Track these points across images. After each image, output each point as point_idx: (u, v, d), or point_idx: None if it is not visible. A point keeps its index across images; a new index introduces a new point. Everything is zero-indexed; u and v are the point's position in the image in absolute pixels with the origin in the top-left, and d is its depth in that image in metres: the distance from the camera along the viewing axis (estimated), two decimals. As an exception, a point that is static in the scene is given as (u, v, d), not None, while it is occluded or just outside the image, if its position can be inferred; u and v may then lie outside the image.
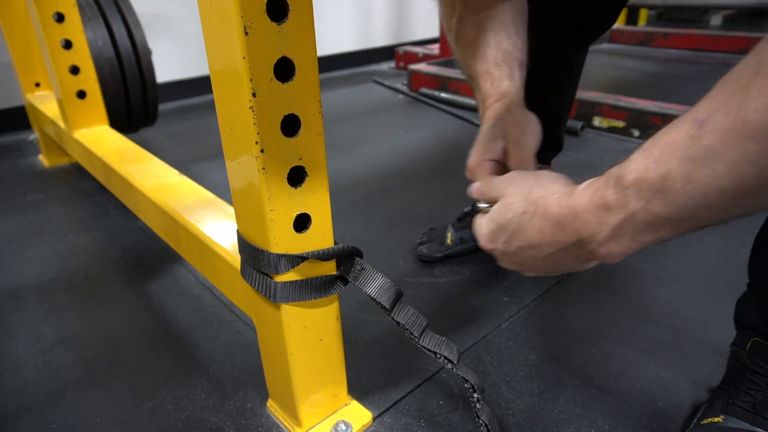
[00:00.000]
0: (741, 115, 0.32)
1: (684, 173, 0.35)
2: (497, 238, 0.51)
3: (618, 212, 0.40)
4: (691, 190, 0.35)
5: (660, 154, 0.36)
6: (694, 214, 0.36)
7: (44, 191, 1.49)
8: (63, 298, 1.00)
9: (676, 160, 0.35)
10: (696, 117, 0.34)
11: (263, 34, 0.44)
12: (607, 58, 3.00)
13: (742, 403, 0.62)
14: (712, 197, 0.34)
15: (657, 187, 0.37)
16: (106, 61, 1.44)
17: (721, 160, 0.33)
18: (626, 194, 0.39)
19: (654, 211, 0.37)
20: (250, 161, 0.49)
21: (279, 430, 0.69)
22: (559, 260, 0.47)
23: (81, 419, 0.72)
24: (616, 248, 0.41)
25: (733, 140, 0.32)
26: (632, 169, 0.38)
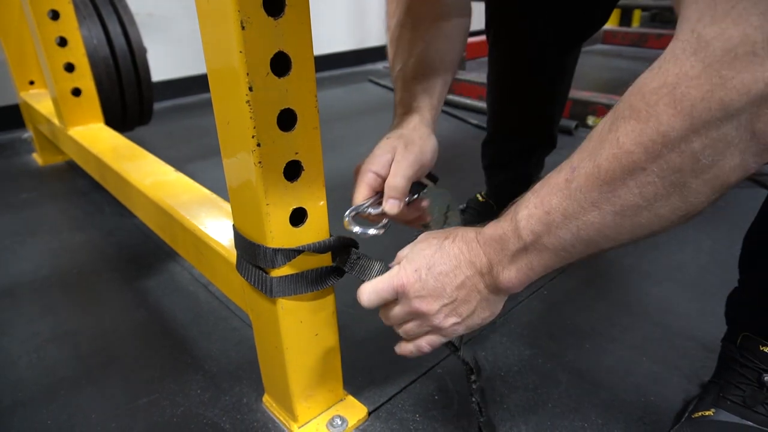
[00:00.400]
0: (597, 162, 0.39)
1: (562, 209, 0.42)
2: (420, 267, 0.51)
3: (514, 243, 0.46)
4: (567, 224, 0.42)
5: (545, 193, 0.44)
6: (572, 244, 0.43)
7: (38, 189, 1.48)
8: (57, 295, 1.00)
9: (556, 199, 0.42)
10: (571, 164, 0.42)
11: (260, 29, 0.44)
12: (601, 58, 3.02)
13: (733, 397, 0.63)
14: (584, 230, 0.42)
15: (542, 221, 0.43)
16: (101, 59, 1.44)
17: (586, 199, 0.40)
18: (519, 227, 0.45)
19: (542, 242, 0.44)
20: (246, 155, 0.50)
21: (275, 425, 0.69)
22: (473, 290, 0.50)
23: (76, 415, 0.72)
24: (516, 275, 0.47)
25: (592, 183, 0.40)
26: (524, 206, 0.45)
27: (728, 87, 0.33)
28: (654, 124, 0.36)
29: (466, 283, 0.50)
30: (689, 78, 0.34)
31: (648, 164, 0.37)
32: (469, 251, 0.50)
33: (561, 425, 0.68)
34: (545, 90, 0.97)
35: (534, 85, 0.96)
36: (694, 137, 0.35)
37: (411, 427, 0.69)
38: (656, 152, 0.36)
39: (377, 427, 0.69)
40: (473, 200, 1.11)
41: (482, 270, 0.49)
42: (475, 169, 1.16)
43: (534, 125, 1.01)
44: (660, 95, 0.35)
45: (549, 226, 0.43)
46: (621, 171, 0.38)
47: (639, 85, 0.38)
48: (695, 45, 0.34)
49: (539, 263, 0.46)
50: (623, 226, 0.40)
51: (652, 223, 0.40)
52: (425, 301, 0.51)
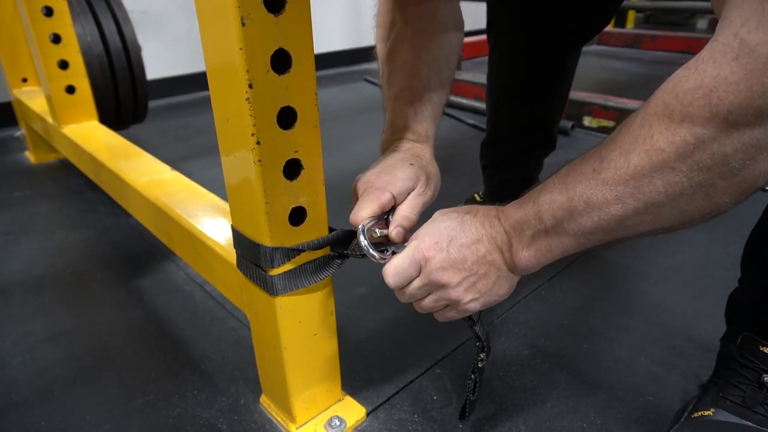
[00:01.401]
0: (628, 158, 0.40)
1: (585, 198, 0.43)
2: (441, 239, 0.51)
3: (535, 225, 0.47)
4: (589, 212, 0.43)
5: (570, 180, 0.44)
6: (591, 232, 0.44)
7: (31, 188, 1.47)
8: (51, 294, 0.99)
9: (581, 187, 0.43)
10: (600, 153, 0.42)
11: (260, 26, 0.44)
12: (596, 59, 3.03)
13: (732, 397, 0.63)
14: (605, 220, 0.42)
15: (564, 207, 0.44)
16: (95, 57, 1.43)
17: (611, 192, 0.41)
18: (540, 210, 0.46)
19: (562, 226, 0.45)
20: (245, 153, 0.49)
21: (272, 425, 0.69)
22: (491, 265, 0.50)
23: (70, 416, 0.71)
24: (534, 255, 0.48)
25: (620, 176, 0.40)
26: (547, 190, 0.46)
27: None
28: (688, 125, 0.36)
29: (486, 257, 0.50)
30: (728, 83, 0.34)
31: (678, 164, 0.37)
32: (491, 227, 0.50)
33: (559, 425, 0.68)
34: (546, 91, 0.97)
35: (535, 87, 0.96)
36: (727, 141, 0.35)
37: (409, 427, 0.68)
38: (687, 153, 0.36)
39: (375, 427, 0.68)
40: (471, 200, 1.11)
41: (502, 247, 0.50)
42: (472, 168, 1.16)
43: (534, 126, 1.00)
44: (695, 97, 0.35)
45: (571, 213, 0.44)
46: (650, 168, 0.38)
47: (673, 83, 0.37)
48: (737, 50, 0.34)
49: (558, 246, 0.47)
50: (644, 220, 0.41)
51: (674, 218, 0.40)
52: (447, 273, 0.50)
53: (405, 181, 0.58)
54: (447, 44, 0.69)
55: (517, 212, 0.49)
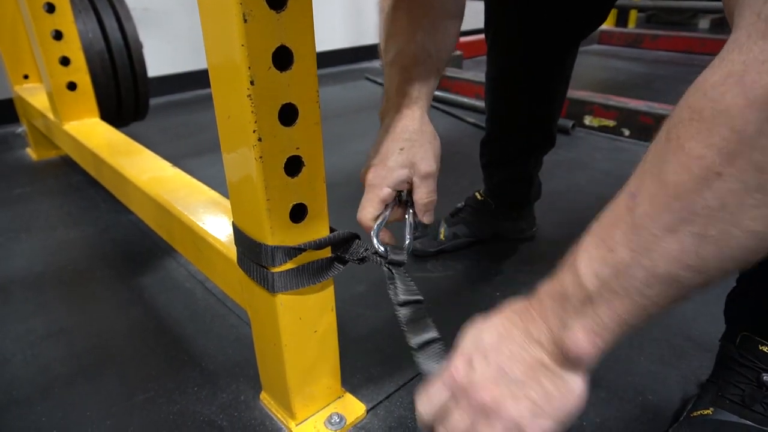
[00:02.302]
0: (662, 179, 0.34)
1: (628, 242, 0.36)
2: (468, 352, 0.43)
3: (576, 294, 0.38)
4: (639, 259, 0.35)
5: (605, 230, 0.38)
6: (648, 285, 0.35)
7: (32, 185, 1.47)
8: (52, 292, 0.99)
9: (619, 232, 0.36)
10: (628, 190, 0.37)
11: (262, 22, 0.44)
12: (597, 59, 3.03)
13: (732, 396, 0.63)
14: (661, 264, 0.34)
15: (607, 261, 0.37)
16: (97, 54, 1.43)
17: (657, 224, 0.34)
18: (580, 274, 0.38)
19: (610, 287, 0.37)
20: (247, 150, 0.49)
21: (272, 422, 0.69)
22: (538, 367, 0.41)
23: (70, 413, 0.71)
24: (584, 336, 0.38)
25: (661, 202, 0.34)
26: (583, 249, 0.39)
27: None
28: (724, 120, 0.31)
29: (523, 356, 0.41)
30: (759, 63, 0.30)
31: (724, 167, 0.31)
32: (521, 319, 0.42)
33: (560, 424, 0.68)
34: (544, 89, 0.97)
35: (533, 84, 0.96)
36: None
37: (409, 424, 0.68)
38: (731, 151, 0.31)
39: (375, 424, 0.69)
40: (471, 198, 1.11)
41: (540, 338, 0.41)
42: (473, 167, 1.16)
43: (533, 124, 1.00)
44: (726, 87, 0.31)
45: (616, 267, 0.36)
46: (693, 182, 0.32)
47: (697, 85, 0.33)
48: (764, 29, 0.30)
49: (610, 316, 0.37)
50: (709, 251, 0.33)
51: (744, 242, 0.33)
52: (484, 390, 0.41)
53: (398, 171, 0.61)
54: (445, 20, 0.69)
55: (551, 287, 0.41)
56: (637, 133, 1.71)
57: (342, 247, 0.59)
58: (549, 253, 1.03)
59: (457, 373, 0.42)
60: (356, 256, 0.58)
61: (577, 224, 0.44)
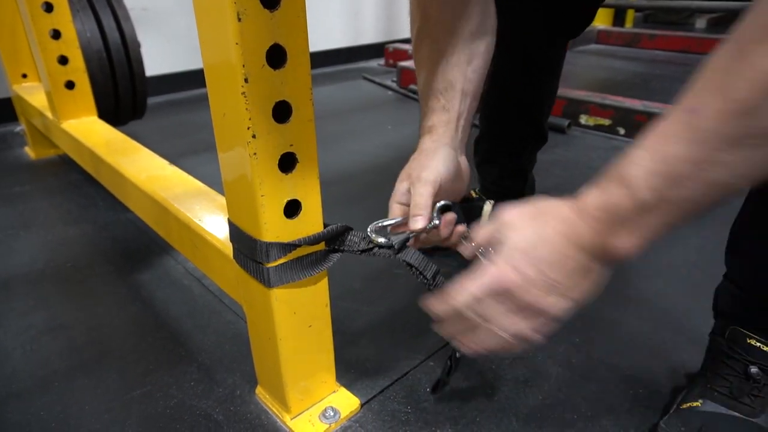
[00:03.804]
0: (730, 96, 0.35)
1: (688, 156, 0.37)
2: (520, 264, 0.45)
3: (630, 206, 0.40)
4: (698, 172, 0.37)
5: (661, 145, 0.39)
6: (703, 194, 0.38)
7: (31, 183, 1.47)
8: (51, 288, 1.00)
9: (678, 146, 0.37)
10: (686, 107, 0.37)
11: (256, 21, 0.45)
12: (595, 58, 3.04)
13: (720, 388, 0.64)
14: (719, 174, 0.37)
15: (665, 174, 0.38)
16: (95, 53, 1.44)
17: (719, 138, 0.36)
18: (633, 187, 0.40)
19: (667, 198, 0.39)
20: (241, 147, 0.50)
21: (267, 416, 0.70)
22: (584, 271, 0.45)
23: (69, 406, 0.72)
24: (636, 242, 0.42)
25: (728, 118, 0.35)
26: (635, 163, 0.40)
27: None
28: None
29: (576, 269, 0.44)
30: None
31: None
32: (572, 232, 0.44)
33: (551, 417, 0.69)
34: (535, 85, 0.98)
35: (524, 81, 0.97)
36: None
37: (403, 418, 0.69)
38: None
39: (369, 418, 0.70)
40: (467, 197, 1.12)
41: (593, 250, 0.44)
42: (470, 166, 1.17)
43: (525, 120, 1.02)
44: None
45: (674, 179, 0.38)
46: (762, 97, 0.34)
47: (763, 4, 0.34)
48: None
49: (661, 222, 0.40)
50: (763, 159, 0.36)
51: None
52: (536, 298, 0.45)
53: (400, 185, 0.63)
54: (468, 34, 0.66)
55: (601, 200, 0.42)
56: (632, 131, 1.72)
57: (336, 241, 0.60)
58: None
59: (507, 277, 0.45)
60: (354, 246, 0.59)
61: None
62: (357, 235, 0.59)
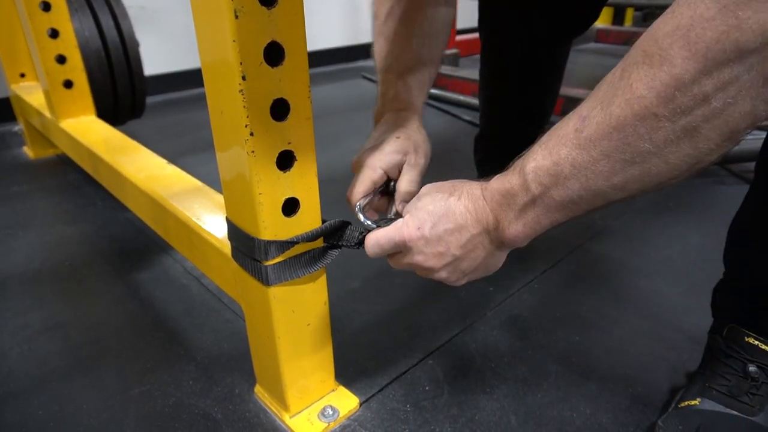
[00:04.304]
0: (608, 111, 0.39)
1: (571, 160, 0.42)
2: (424, 224, 0.51)
3: (522, 196, 0.46)
4: (577, 175, 0.42)
5: (553, 145, 0.43)
6: (581, 196, 0.43)
7: (29, 182, 1.47)
8: (49, 287, 0.99)
9: (565, 149, 0.42)
10: (580, 113, 0.42)
11: (253, 18, 0.45)
12: (594, 57, 3.04)
13: (718, 387, 0.64)
14: (592, 180, 0.41)
15: (551, 172, 0.43)
16: (93, 52, 1.43)
17: (596, 148, 0.40)
18: (527, 180, 0.45)
19: (550, 194, 0.44)
20: (239, 145, 0.50)
21: (266, 414, 0.70)
22: (477, 247, 0.51)
23: (67, 405, 0.72)
24: (523, 230, 0.47)
25: (603, 131, 0.39)
26: (531, 158, 0.45)
27: (744, 28, 0.32)
28: (667, 68, 0.36)
29: (471, 240, 0.50)
30: (704, 20, 0.33)
31: (660, 109, 0.37)
32: (475, 209, 0.49)
33: (550, 415, 0.69)
34: (537, 85, 0.98)
35: (525, 80, 0.97)
36: (706, 80, 0.34)
37: (401, 417, 0.69)
38: (669, 96, 0.36)
39: (368, 417, 0.70)
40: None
41: (489, 227, 0.49)
42: (468, 165, 1.17)
43: (526, 119, 1.01)
44: (674, 38, 0.35)
45: (557, 178, 0.43)
46: (633, 117, 0.38)
47: (652, 31, 0.37)
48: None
49: (546, 216, 0.46)
50: (633, 175, 0.40)
51: (662, 171, 0.39)
52: (427, 258, 0.51)
53: (393, 155, 0.63)
54: (437, 18, 0.71)
55: (502, 185, 0.48)
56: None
57: (334, 236, 0.59)
58: (542, 247, 1.04)
59: (408, 233, 0.51)
60: (352, 241, 0.59)
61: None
62: (355, 230, 0.59)
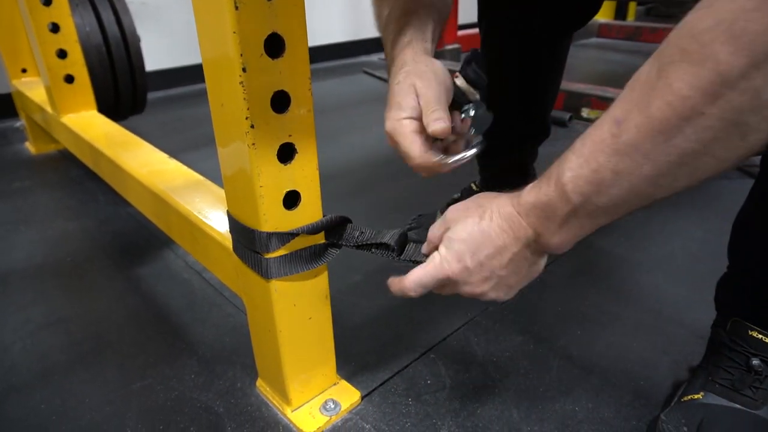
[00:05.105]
0: (648, 113, 0.37)
1: (611, 166, 0.40)
2: (463, 256, 0.50)
3: (563, 207, 0.44)
4: (619, 181, 0.40)
5: (589, 152, 0.41)
6: (625, 200, 0.41)
7: (31, 178, 1.47)
8: (51, 282, 1.00)
9: (603, 156, 0.40)
10: (614, 116, 0.40)
11: (253, 10, 0.44)
12: (596, 51, 3.02)
13: (721, 381, 0.64)
14: (636, 184, 0.40)
15: (590, 181, 0.41)
16: (94, 47, 1.43)
17: (639, 152, 0.38)
18: (566, 191, 0.43)
19: (592, 202, 0.42)
20: (240, 138, 0.50)
21: (268, 408, 0.70)
22: (520, 261, 0.50)
23: (69, 399, 0.72)
24: (566, 238, 0.46)
25: (645, 134, 0.38)
26: (568, 168, 0.43)
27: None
28: (711, 65, 0.34)
29: (513, 259, 0.49)
30: (746, 11, 0.32)
31: (707, 108, 0.35)
32: (511, 228, 0.48)
33: (552, 409, 0.69)
34: (537, 79, 0.98)
35: (526, 75, 0.97)
36: (755, 73, 0.33)
37: (403, 410, 0.69)
38: (716, 94, 0.34)
39: (370, 410, 0.69)
40: (467, 189, 1.12)
41: (528, 241, 0.48)
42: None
43: (527, 114, 1.01)
44: (715, 33, 0.33)
45: (599, 186, 0.41)
46: (677, 118, 0.36)
47: (687, 27, 0.35)
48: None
49: (590, 223, 0.45)
50: (680, 174, 0.38)
51: (710, 167, 0.38)
52: (475, 287, 0.51)
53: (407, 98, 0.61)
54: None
55: (538, 199, 0.46)
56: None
57: (335, 232, 0.59)
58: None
59: (450, 269, 0.50)
60: (351, 241, 0.59)
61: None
62: (357, 229, 0.59)
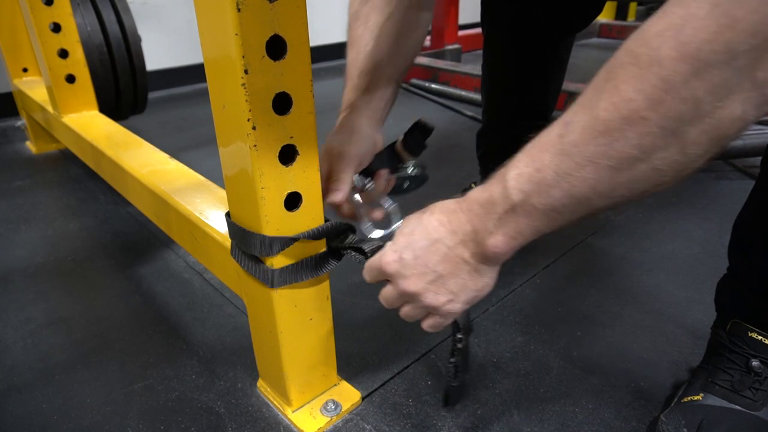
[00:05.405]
0: (594, 114, 0.37)
1: (554, 166, 0.40)
2: (400, 247, 0.50)
3: (502, 204, 0.44)
4: (560, 181, 0.40)
5: (536, 152, 0.41)
6: (564, 205, 0.41)
7: (32, 177, 1.47)
8: (52, 281, 1.00)
9: (548, 155, 0.40)
10: (564, 119, 0.40)
11: (255, 11, 0.44)
12: (597, 51, 3.03)
13: (721, 382, 0.64)
14: (576, 187, 0.39)
15: (532, 179, 0.41)
16: (95, 47, 1.43)
17: (581, 153, 0.38)
18: (508, 187, 0.43)
19: (531, 202, 0.42)
20: (241, 139, 0.50)
21: (269, 409, 0.70)
22: (458, 262, 0.48)
23: (70, 399, 0.72)
24: (503, 240, 0.45)
25: (589, 135, 0.38)
26: (515, 166, 0.43)
27: (737, 29, 0.31)
28: (656, 69, 0.34)
29: (448, 255, 0.48)
30: (697, 19, 0.32)
31: (649, 113, 0.35)
32: (449, 221, 0.48)
33: (552, 410, 0.69)
34: (539, 79, 0.98)
35: (528, 74, 0.97)
36: (696, 82, 0.33)
37: (404, 411, 0.69)
38: (658, 99, 0.34)
39: (370, 411, 0.70)
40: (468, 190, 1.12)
41: (465, 238, 0.47)
42: (470, 159, 1.16)
43: (529, 114, 1.01)
44: (664, 38, 0.33)
45: (539, 185, 0.41)
46: (620, 121, 0.36)
47: (641, 31, 0.35)
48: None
49: (528, 226, 0.43)
50: (619, 182, 0.38)
51: (648, 177, 0.37)
52: (409, 281, 0.50)
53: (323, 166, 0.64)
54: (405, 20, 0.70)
55: (481, 195, 0.46)
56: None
57: (337, 240, 0.59)
58: (544, 243, 1.03)
59: (386, 261, 0.51)
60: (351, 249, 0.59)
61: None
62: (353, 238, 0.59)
